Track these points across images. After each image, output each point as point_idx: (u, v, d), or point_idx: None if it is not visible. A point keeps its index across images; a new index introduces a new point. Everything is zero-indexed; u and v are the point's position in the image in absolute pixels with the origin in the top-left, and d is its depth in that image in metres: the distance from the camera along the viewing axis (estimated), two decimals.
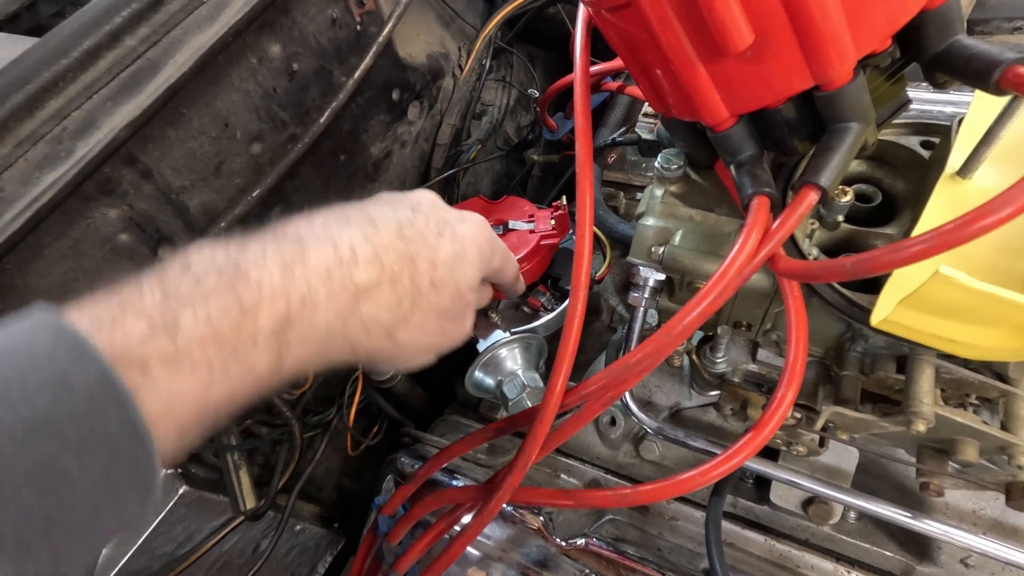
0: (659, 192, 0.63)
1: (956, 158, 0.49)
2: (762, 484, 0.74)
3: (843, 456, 0.65)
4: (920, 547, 0.65)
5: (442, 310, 0.40)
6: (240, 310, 0.31)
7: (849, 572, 0.65)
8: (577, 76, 0.56)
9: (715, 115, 0.47)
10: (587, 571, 0.66)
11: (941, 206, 0.47)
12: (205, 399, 0.30)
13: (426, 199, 0.43)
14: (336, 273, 0.35)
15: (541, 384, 0.74)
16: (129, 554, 0.46)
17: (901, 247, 0.34)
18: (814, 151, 0.46)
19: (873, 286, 0.55)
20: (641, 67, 0.51)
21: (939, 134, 0.56)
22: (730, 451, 0.46)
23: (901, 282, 0.44)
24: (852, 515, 0.69)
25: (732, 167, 0.51)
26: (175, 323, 0.29)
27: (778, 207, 0.48)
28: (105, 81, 0.46)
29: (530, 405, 0.72)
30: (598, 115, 1.19)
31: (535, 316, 0.83)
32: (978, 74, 0.40)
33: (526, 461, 0.50)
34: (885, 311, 0.42)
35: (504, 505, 0.61)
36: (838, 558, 0.67)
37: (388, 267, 0.37)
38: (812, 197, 0.45)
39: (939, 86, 0.46)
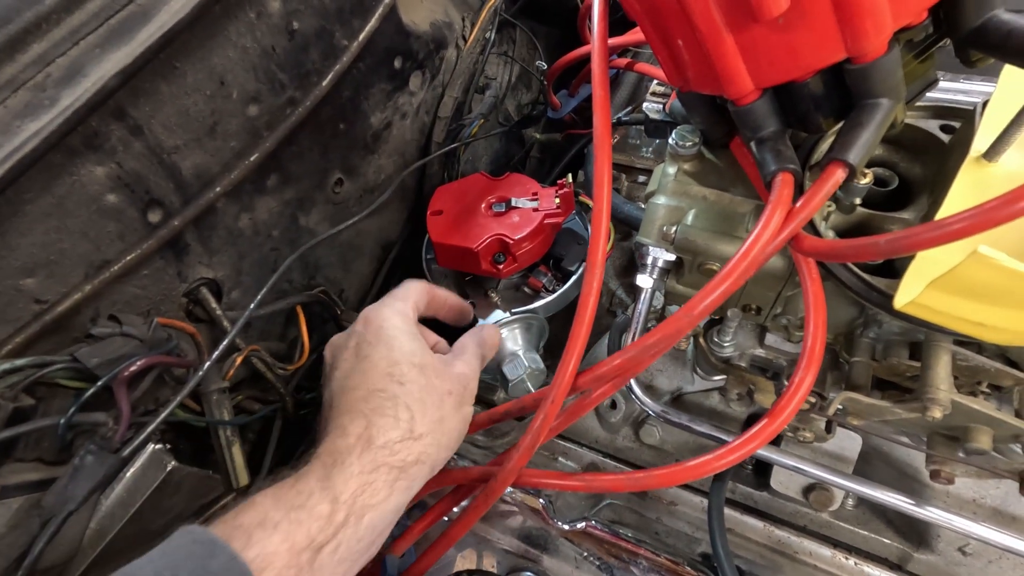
0: (671, 170, 0.61)
1: (981, 141, 0.48)
2: (761, 470, 0.73)
3: (846, 442, 0.65)
4: (918, 534, 0.65)
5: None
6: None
7: (847, 558, 0.65)
8: (595, 44, 0.54)
9: (739, 88, 0.45)
10: (586, 554, 0.65)
11: (966, 189, 0.46)
12: None
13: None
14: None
15: (542, 366, 0.72)
16: (117, 528, 0.44)
17: (943, 224, 0.33)
18: (842, 127, 0.45)
19: (887, 270, 0.54)
20: (662, 35, 0.48)
21: (961, 117, 0.55)
22: (746, 436, 0.45)
23: (925, 264, 0.43)
24: (850, 502, 0.69)
25: (753, 143, 0.49)
26: None
27: (800, 187, 0.47)
28: (93, 26, 0.42)
29: (531, 387, 0.70)
30: None
31: (536, 297, 0.81)
32: (1018, 50, 0.38)
33: (534, 442, 0.49)
34: (910, 294, 0.41)
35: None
36: (836, 544, 0.67)
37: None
38: (840, 174, 0.43)
39: (971, 64, 0.44)
